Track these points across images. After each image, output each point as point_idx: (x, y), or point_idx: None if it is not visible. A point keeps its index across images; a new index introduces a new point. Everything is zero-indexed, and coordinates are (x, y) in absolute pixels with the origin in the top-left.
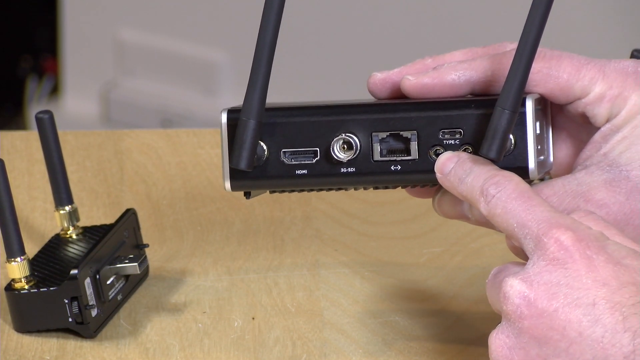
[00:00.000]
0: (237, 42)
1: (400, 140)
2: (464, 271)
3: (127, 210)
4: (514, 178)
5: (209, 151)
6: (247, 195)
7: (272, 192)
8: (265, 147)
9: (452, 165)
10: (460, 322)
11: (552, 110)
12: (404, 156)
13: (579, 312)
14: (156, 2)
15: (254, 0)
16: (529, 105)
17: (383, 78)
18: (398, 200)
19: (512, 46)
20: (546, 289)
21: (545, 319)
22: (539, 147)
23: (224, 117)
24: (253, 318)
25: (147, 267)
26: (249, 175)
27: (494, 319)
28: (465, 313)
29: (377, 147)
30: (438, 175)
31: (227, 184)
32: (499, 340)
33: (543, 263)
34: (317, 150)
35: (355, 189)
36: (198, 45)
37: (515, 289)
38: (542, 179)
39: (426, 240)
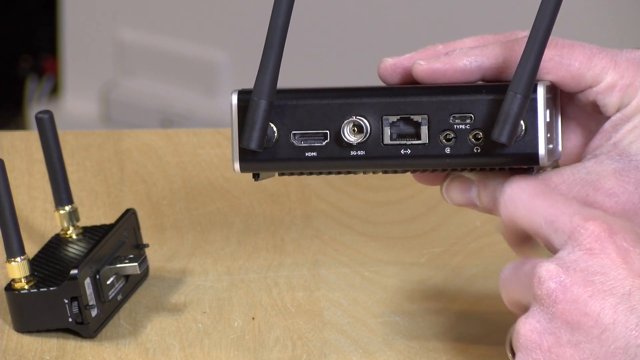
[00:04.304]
0: (237, 42)
1: (410, 124)
2: (464, 271)
3: (127, 210)
4: (529, 177)
5: (209, 151)
6: (256, 177)
7: (281, 174)
8: (275, 129)
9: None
10: (460, 322)
11: (561, 100)
12: (414, 140)
13: (614, 300)
14: (156, 2)
15: (254, 0)
16: (540, 91)
17: (394, 63)
18: (398, 200)
19: (524, 34)
20: (582, 276)
21: (579, 304)
22: (548, 135)
23: (234, 98)
24: (253, 318)
25: (147, 267)
26: (258, 156)
27: (495, 318)
28: (466, 313)
29: (387, 131)
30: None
31: (237, 165)
32: (528, 325)
33: (579, 253)
34: (327, 132)
35: (365, 173)
36: (198, 45)
37: (552, 273)
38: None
39: (426, 240)
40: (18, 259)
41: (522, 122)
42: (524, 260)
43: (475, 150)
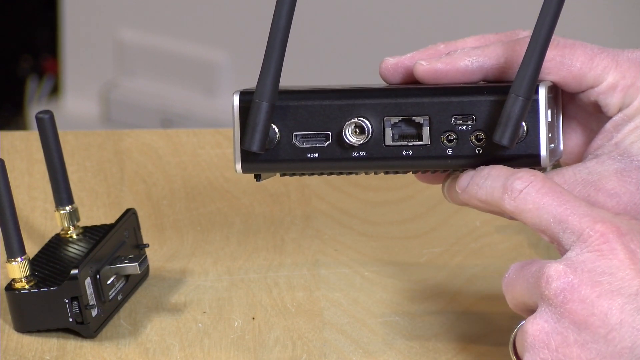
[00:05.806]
0: (237, 42)
1: (412, 125)
2: (464, 271)
3: (127, 210)
4: (538, 173)
5: (209, 151)
6: (258, 177)
7: (282, 175)
8: (277, 130)
9: (469, 178)
10: (460, 321)
11: (562, 99)
12: (416, 141)
13: (622, 301)
14: (156, 2)
15: (254, 1)
16: (542, 93)
17: (395, 63)
18: (398, 200)
19: (525, 33)
20: (590, 277)
21: (587, 304)
22: (550, 135)
23: (236, 100)
24: (253, 318)
25: (147, 267)
26: (260, 157)
27: (495, 318)
28: (466, 313)
29: (389, 132)
30: (458, 191)
31: (238, 166)
32: (536, 325)
33: (588, 254)
34: (329, 133)
35: (366, 174)
36: (198, 45)
37: (561, 273)
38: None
39: (426, 240)
40: (18, 258)
41: (523, 123)
42: (529, 261)
43: (476, 152)
